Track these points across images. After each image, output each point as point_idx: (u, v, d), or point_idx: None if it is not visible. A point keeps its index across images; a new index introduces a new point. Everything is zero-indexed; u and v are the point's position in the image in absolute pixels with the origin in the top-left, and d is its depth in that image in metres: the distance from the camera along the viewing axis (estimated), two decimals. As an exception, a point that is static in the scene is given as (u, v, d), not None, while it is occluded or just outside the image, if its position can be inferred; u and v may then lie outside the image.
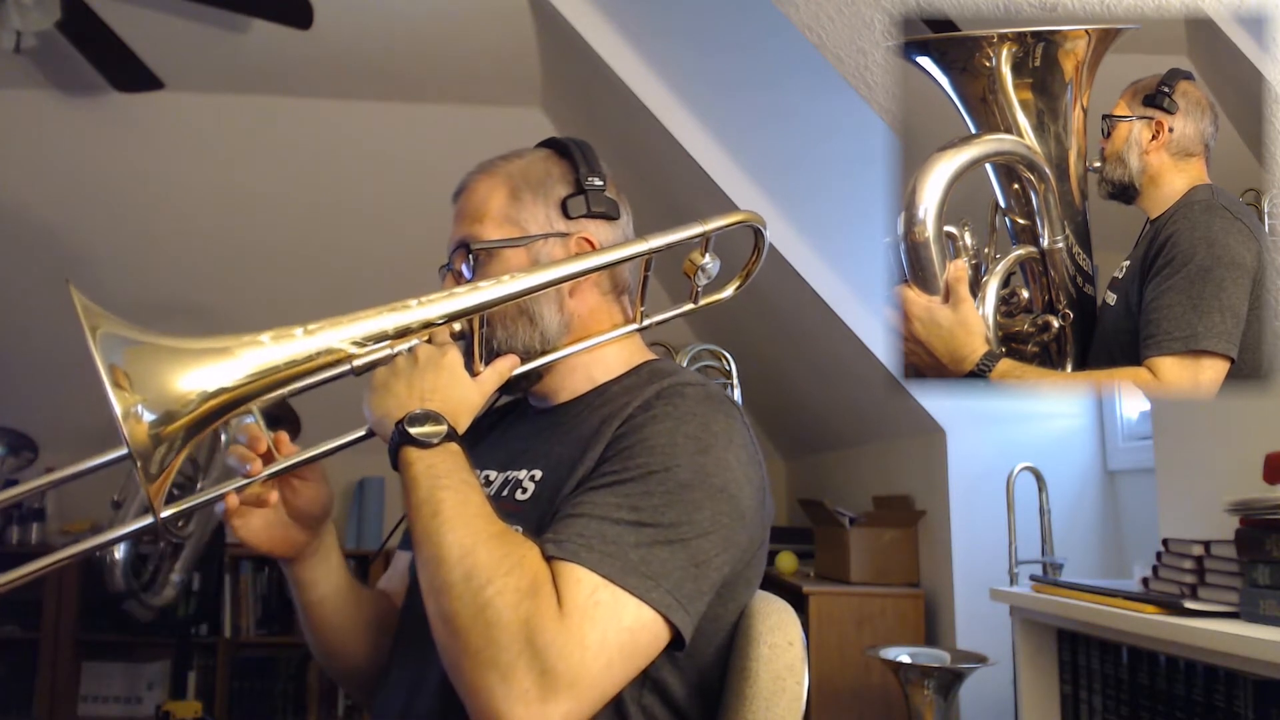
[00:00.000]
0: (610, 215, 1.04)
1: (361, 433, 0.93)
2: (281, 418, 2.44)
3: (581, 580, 0.79)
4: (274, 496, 0.96)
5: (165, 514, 0.83)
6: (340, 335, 0.87)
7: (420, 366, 0.90)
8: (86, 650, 4.06)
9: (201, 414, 0.80)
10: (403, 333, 0.90)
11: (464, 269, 1.02)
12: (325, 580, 1.05)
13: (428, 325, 0.92)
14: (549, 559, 0.80)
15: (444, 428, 0.86)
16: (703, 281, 1.07)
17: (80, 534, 3.81)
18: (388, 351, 0.90)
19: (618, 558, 0.81)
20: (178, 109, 3.15)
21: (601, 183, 1.04)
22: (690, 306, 1.11)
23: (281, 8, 2.52)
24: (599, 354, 1.04)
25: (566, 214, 1.03)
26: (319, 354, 0.86)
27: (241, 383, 0.82)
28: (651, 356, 1.08)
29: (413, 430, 0.85)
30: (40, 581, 3.81)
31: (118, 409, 0.75)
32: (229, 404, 0.82)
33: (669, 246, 1.02)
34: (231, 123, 3.28)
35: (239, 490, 0.91)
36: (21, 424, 3.69)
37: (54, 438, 3.62)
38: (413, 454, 0.84)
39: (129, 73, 2.80)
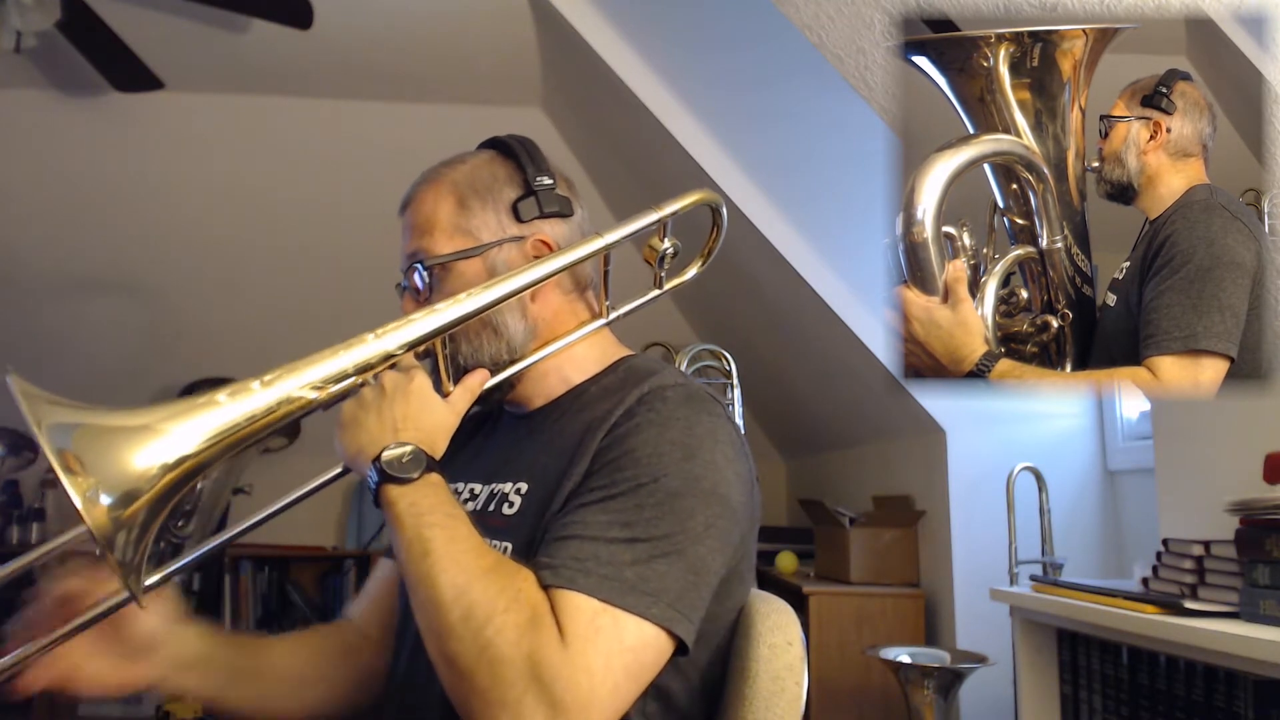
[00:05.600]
0: (563, 213, 1.02)
1: (338, 470, 0.91)
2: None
3: (580, 607, 0.78)
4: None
5: (148, 581, 0.84)
6: (299, 382, 0.84)
7: (388, 396, 0.87)
8: (87, 650, 4.05)
9: (165, 487, 0.77)
10: (363, 369, 0.87)
11: (419, 284, 0.99)
12: (208, 679, 1.02)
13: (388, 358, 0.88)
14: (546, 587, 0.80)
15: (422, 460, 0.84)
16: (665, 266, 1.05)
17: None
18: (352, 382, 0.87)
19: (614, 579, 0.80)
20: (178, 109, 3.15)
21: (551, 181, 1.02)
22: (656, 292, 1.08)
23: (281, 8, 2.52)
24: (571, 353, 1.02)
25: (518, 217, 1.00)
26: (279, 404, 0.83)
27: (202, 447, 0.79)
28: (626, 351, 1.06)
29: (390, 467, 0.83)
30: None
31: (75, 496, 0.73)
32: (193, 470, 0.79)
33: (627, 238, 1.00)
34: (231, 123, 3.27)
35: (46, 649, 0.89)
36: (22, 424, 3.69)
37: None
38: (394, 492, 0.83)
39: (129, 73, 2.80)
